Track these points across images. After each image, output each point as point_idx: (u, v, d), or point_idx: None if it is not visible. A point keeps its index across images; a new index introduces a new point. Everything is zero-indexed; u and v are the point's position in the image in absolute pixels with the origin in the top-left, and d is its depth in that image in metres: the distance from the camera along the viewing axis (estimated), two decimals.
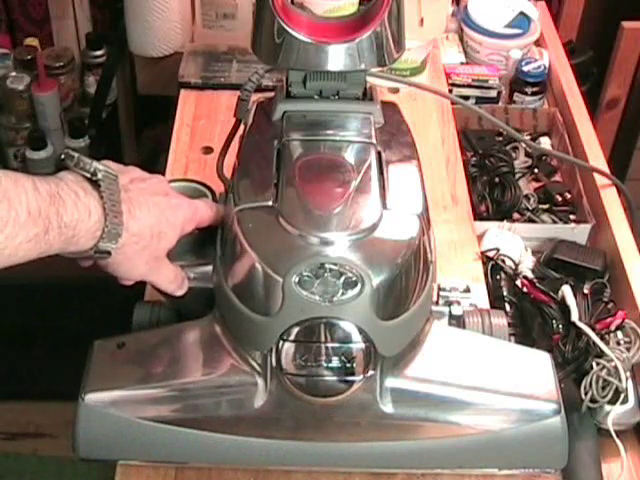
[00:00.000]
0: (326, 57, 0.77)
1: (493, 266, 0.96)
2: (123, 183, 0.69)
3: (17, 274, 0.69)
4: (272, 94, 0.83)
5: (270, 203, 0.70)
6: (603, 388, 0.81)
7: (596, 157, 1.10)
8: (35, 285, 1.38)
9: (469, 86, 1.25)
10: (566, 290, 0.88)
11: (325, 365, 0.66)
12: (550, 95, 1.28)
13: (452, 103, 1.18)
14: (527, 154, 1.16)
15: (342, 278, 0.65)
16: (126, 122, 1.61)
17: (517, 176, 1.12)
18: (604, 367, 0.81)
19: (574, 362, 0.83)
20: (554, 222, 1.08)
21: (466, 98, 1.22)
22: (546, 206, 1.10)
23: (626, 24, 1.63)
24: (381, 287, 0.66)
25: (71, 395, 0.73)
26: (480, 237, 1.01)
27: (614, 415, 0.80)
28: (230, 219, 0.71)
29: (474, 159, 1.15)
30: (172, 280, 0.75)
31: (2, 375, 1.38)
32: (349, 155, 0.76)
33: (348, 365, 0.66)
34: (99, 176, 0.66)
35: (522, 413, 0.72)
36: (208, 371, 0.72)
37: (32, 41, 1.58)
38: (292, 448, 0.72)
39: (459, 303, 0.82)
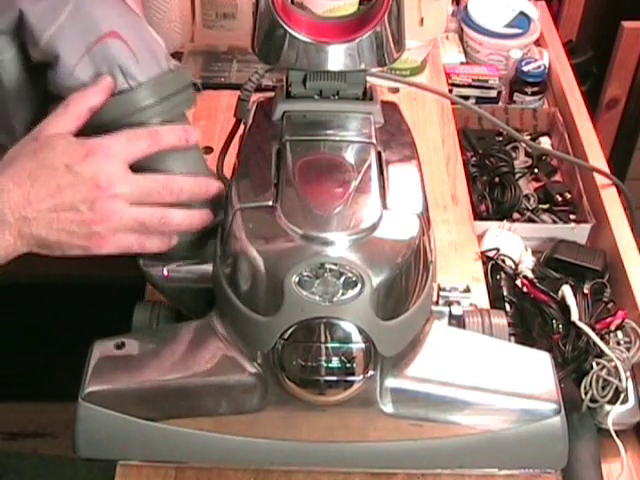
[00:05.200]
0: (326, 57, 0.77)
1: (493, 266, 0.96)
2: None
3: (17, 274, 0.69)
4: (272, 94, 0.83)
5: (270, 203, 0.70)
6: (603, 388, 0.81)
7: (596, 157, 1.10)
8: (35, 285, 1.38)
9: (469, 86, 1.25)
10: (566, 290, 0.88)
11: (325, 365, 0.66)
12: (550, 95, 1.28)
13: (452, 103, 1.18)
14: (527, 154, 1.16)
15: (342, 278, 0.65)
16: None
17: (517, 176, 1.12)
18: (604, 367, 0.81)
19: (574, 362, 0.83)
20: (554, 222, 1.08)
21: (466, 98, 1.22)
22: (546, 206, 1.10)
23: (626, 24, 1.63)
24: (381, 287, 0.66)
25: (71, 395, 0.73)
26: (480, 237, 1.01)
27: (614, 415, 0.80)
28: (230, 219, 0.71)
29: (474, 159, 1.15)
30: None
31: (2, 375, 1.38)
32: (349, 155, 0.76)
33: (348, 365, 0.66)
34: None
35: (522, 413, 0.72)
36: (208, 371, 0.72)
37: None
38: (292, 448, 0.72)
39: (459, 303, 0.82)
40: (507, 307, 0.93)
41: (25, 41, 0.75)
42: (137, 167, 0.72)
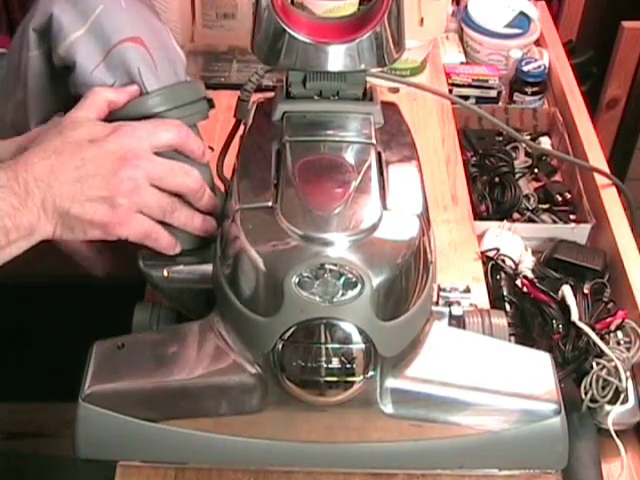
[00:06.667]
0: (326, 57, 0.77)
1: (493, 266, 0.96)
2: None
3: (17, 274, 0.69)
4: (272, 94, 0.83)
5: (270, 204, 0.70)
6: (603, 388, 0.81)
7: (596, 157, 1.10)
8: (35, 285, 1.38)
9: (469, 86, 1.25)
10: (566, 290, 0.88)
11: (325, 366, 0.66)
12: (550, 95, 1.28)
13: (452, 103, 1.18)
14: (527, 154, 1.16)
15: (342, 279, 0.65)
16: None
17: (517, 176, 1.12)
18: (604, 367, 0.81)
19: (574, 362, 0.83)
20: (554, 222, 1.08)
21: (466, 98, 1.22)
22: (546, 206, 1.10)
23: (626, 24, 1.64)
24: (381, 288, 0.66)
25: (71, 395, 0.73)
26: (480, 237, 1.01)
27: (614, 415, 0.80)
28: (230, 219, 0.71)
29: (474, 159, 1.15)
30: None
31: (2, 375, 1.38)
32: (349, 155, 0.76)
33: (348, 366, 0.66)
34: None
35: (522, 413, 0.72)
36: (208, 371, 0.72)
37: None
38: (292, 449, 0.72)
39: (459, 303, 0.82)
40: (507, 307, 0.93)
41: (50, 45, 0.77)
42: None
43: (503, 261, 0.97)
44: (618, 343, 0.85)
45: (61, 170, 0.67)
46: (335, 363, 0.66)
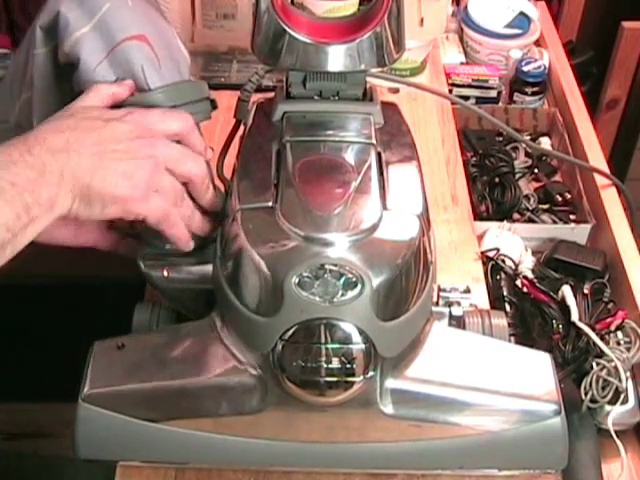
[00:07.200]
0: (326, 58, 0.77)
1: (493, 266, 0.96)
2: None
3: (17, 274, 0.68)
4: (272, 95, 0.83)
5: (270, 204, 0.70)
6: (603, 388, 0.81)
7: (596, 157, 1.10)
8: (35, 285, 1.38)
9: (469, 86, 1.25)
10: (566, 290, 0.88)
11: (325, 366, 0.66)
12: (550, 95, 1.28)
13: (452, 103, 1.18)
14: (527, 154, 1.16)
15: (342, 279, 0.65)
16: None
17: (517, 176, 1.12)
18: (604, 367, 0.81)
19: (574, 362, 0.83)
20: (554, 222, 1.08)
21: (466, 98, 1.22)
22: (546, 206, 1.10)
23: (626, 24, 1.64)
24: (381, 288, 0.66)
25: (71, 395, 0.73)
26: (480, 237, 1.01)
27: (614, 415, 0.80)
28: (230, 220, 0.71)
29: (474, 159, 1.15)
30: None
31: (2, 375, 1.38)
32: (349, 156, 0.76)
33: (348, 366, 0.66)
34: None
35: (522, 414, 0.72)
36: (208, 372, 0.72)
37: None
38: (292, 449, 0.72)
39: (459, 304, 0.82)
40: (507, 307, 0.93)
41: (56, 43, 0.77)
42: None
43: (503, 261, 0.97)
44: (618, 343, 0.85)
45: (78, 144, 0.65)
46: (335, 363, 0.66)
